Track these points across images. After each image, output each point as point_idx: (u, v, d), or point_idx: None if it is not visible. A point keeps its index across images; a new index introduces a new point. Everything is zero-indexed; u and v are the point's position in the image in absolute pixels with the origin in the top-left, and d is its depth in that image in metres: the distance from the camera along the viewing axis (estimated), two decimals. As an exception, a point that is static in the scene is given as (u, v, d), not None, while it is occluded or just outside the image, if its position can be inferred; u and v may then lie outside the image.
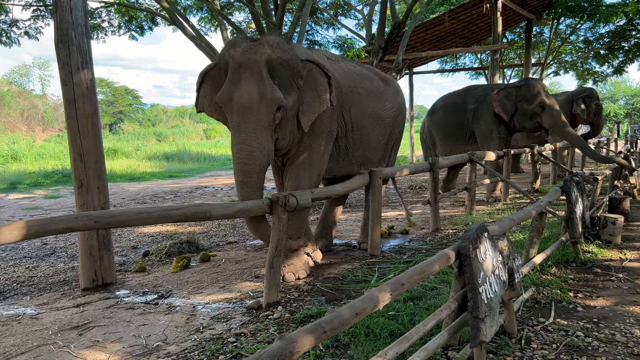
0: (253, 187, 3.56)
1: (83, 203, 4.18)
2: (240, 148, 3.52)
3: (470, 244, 2.32)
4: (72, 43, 4.02)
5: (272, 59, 3.56)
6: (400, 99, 5.16)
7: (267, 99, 3.49)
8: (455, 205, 7.72)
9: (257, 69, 3.51)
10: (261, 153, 3.53)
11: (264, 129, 3.53)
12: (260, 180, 3.58)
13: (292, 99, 3.71)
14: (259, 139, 3.52)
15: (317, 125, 4.03)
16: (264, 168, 3.59)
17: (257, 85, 3.49)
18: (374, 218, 4.55)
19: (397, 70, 9.20)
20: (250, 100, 3.48)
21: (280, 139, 3.73)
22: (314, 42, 13.58)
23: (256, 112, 3.50)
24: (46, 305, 4.03)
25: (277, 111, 3.57)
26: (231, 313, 3.48)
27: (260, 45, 3.58)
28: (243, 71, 3.52)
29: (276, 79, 3.60)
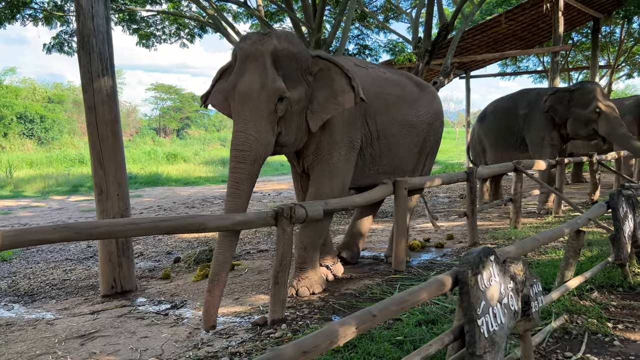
0: (244, 173, 3.35)
1: (103, 210, 4.18)
2: (237, 135, 3.41)
3: (469, 269, 2.05)
4: (92, 50, 4.04)
5: (278, 49, 3.46)
6: (436, 105, 4.87)
7: (268, 88, 3.38)
8: (503, 217, 7.25)
9: (262, 60, 3.43)
10: (258, 142, 3.39)
11: (263, 118, 3.40)
12: (253, 169, 3.40)
13: (298, 93, 3.57)
14: (257, 127, 3.39)
15: (335, 133, 3.86)
16: (259, 158, 3.42)
17: (259, 74, 3.41)
18: (399, 231, 4.28)
19: (445, 74, 8.82)
20: (251, 88, 3.39)
21: (284, 133, 3.57)
22: (365, 46, 13.37)
23: (256, 100, 3.38)
24: (66, 310, 4.06)
25: (280, 102, 3.44)
26: (236, 328, 3.34)
27: (268, 38, 3.50)
28: (249, 62, 3.45)
29: (281, 70, 3.48)
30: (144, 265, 5.60)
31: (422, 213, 8.17)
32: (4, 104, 28.16)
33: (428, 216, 4.93)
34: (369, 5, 12.51)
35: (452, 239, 5.80)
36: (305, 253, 3.91)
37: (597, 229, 5.47)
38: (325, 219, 3.86)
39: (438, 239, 5.87)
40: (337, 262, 4.36)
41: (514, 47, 14.80)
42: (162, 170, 18.51)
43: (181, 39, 11.30)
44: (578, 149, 10.33)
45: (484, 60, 15.36)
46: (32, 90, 31.81)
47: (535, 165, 6.38)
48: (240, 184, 3.36)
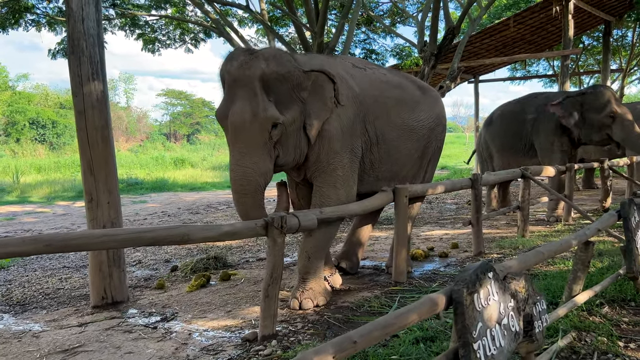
0: (250, 206, 3.43)
1: (93, 217, 4.06)
2: (235, 169, 3.41)
3: (464, 288, 1.88)
4: (82, 53, 3.93)
5: (267, 73, 3.37)
6: (438, 109, 4.69)
7: (260, 118, 3.32)
8: (511, 225, 7.04)
9: (251, 86, 3.34)
10: (256, 173, 3.38)
11: (259, 148, 3.37)
12: (256, 199, 3.44)
13: (292, 114, 3.50)
14: (253, 159, 3.37)
15: (334, 142, 3.73)
16: (260, 188, 3.44)
17: (250, 103, 3.33)
18: (399, 241, 4.10)
19: (451, 78, 8.63)
20: (243, 120, 3.34)
21: (281, 155, 3.53)
22: (372, 51, 13.23)
23: (249, 131, 3.34)
24: (54, 322, 3.93)
25: (273, 129, 3.39)
26: (224, 344, 3.18)
27: (255, 60, 3.39)
28: (238, 88, 3.38)
29: (272, 94, 3.41)
30: (140, 274, 5.47)
31: (427, 220, 7.99)
32: (17, 109, 28.41)
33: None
34: (375, 9, 12.37)
35: (457, 248, 5.61)
36: (309, 263, 3.75)
37: (609, 238, 5.26)
38: (331, 227, 3.77)
39: (442, 247, 5.68)
40: (335, 273, 4.19)
41: (523, 51, 14.58)
42: (169, 175, 18.46)
43: (186, 44, 11.22)
44: (589, 155, 10.08)
45: (493, 65, 15.16)
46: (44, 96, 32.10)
47: (543, 171, 6.18)
48: (250, 213, 3.38)
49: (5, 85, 31.23)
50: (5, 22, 8.77)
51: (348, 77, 3.93)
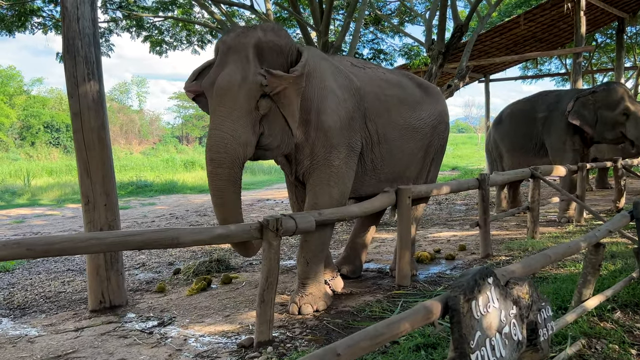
0: (224, 179, 3.12)
1: (90, 220, 3.99)
2: (212, 134, 3.13)
3: (461, 295, 1.76)
4: (78, 53, 3.86)
5: (262, 41, 3.20)
6: (440, 107, 4.54)
7: (249, 81, 3.11)
8: (521, 226, 6.87)
9: (245, 52, 3.16)
10: (235, 141, 3.10)
11: (242, 115, 3.11)
12: (233, 172, 3.14)
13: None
14: (234, 125, 3.10)
15: (332, 135, 3.56)
16: (238, 159, 3.15)
17: (240, 68, 3.14)
18: (402, 244, 3.98)
19: (460, 77, 8.47)
20: (230, 82, 3.11)
21: (266, 134, 3.28)
22: (380, 51, 13.08)
23: (235, 95, 3.10)
24: (51, 326, 3.86)
25: (262, 99, 3.16)
26: (219, 350, 3.09)
27: (253, 30, 3.25)
28: (231, 54, 3.19)
29: (265, 64, 3.19)
30: (143, 277, 5.40)
31: (436, 222, 7.84)
32: (32, 113, 28.69)
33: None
34: (383, 8, 12.24)
35: (465, 250, 5.46)
36: (307, 268, 3.63)
37: (622, 239, 5.08)
38: (326, 229, 3.60)
39: (450, 249, 5.54)
40: (336, 277, 4.07)
41: (535, 49, 14.35)
42: (179, 177, 18.46)
43: (192, 45, 11.18)
44: (602, 154, 9.86)
45: (503, 63, 14.94)
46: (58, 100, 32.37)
47: (554, 171, 6.01)
48: (223, 192, 3.12)
49: (20, 89, 31.55)
50: (12, 26, 8.78)
51: (346, 70, 3.80)
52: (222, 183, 3.13)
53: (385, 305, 3.63)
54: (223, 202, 3.16)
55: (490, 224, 6.92)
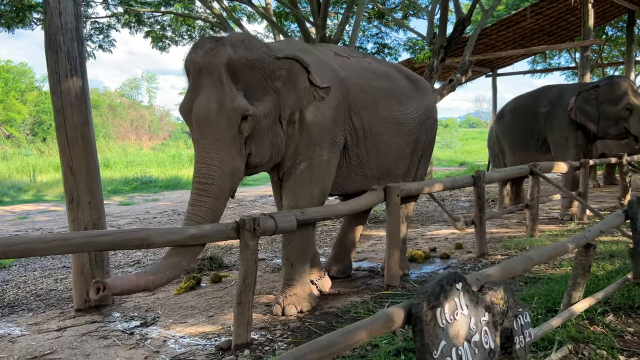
0: (206, 208, 2.96)
1: (74, 219, 3.93)
2: (198, 167, 3.03)
3: (425, 302, 1.66)
4: (60, 49, 3.79)
5: (234, 60, 3.03)
6: (427, 101, 4.38)
7: (227, 108, 2.97)
8: (522, 223, 6.71)
9: (217, 75, 3.00)
10: (222, 172, 3.00)
11: (226, 144, 3.01)
12: (217, 204, 3.02)
13: (265, 106, 3.16)
14: (220, 156, 2.99)
15: (316, 134, 3.45)
16: (225, 191, 3.04)
17: (215, 93, 2.99)
18: (391, 243, 3.88)
19: (462, 71, 8.33)
20: (208, 111, 2.98)
21: (254, 153, 3.19)
22: (384, 45, 12.90)
23: (215, 125, 2.98)
24: (36, 325, 3.82)
25: (243, 122, 3.04)
26: (197, 353, 3.02)
27: (221, 46, 3.06)
28: (203, 77, 3.04)
29: (240, 83, 3.07)
30: (136, 275, 5.35)
31: (437, 219, 7.72)
32: (43, 109, 28.86)
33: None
34: (386, 2, 12.07)
35: (461, 249, 5.35)
36: (292, 270, 3.54)
37: (624, 237, 4.94)
38: (309, 229, 3.50)
39: (446, 248, 5.42)
40: (323, 276, 3.98)
41: (542, 42, 14.10)
42: (184, 173, 18.42)
43: (193, 40, 11.10)
44: (610, 149, 9.67)
45: (511, 57, 14.71)
46: (68, 95, 32.51)
47: (555, 167, 5.86)
48: (199, 219, 2.93)
49: (31, 85, 31.74)
50: (12, 22, 8.76)
51: (329, 61, 3.67)
52: (202, 211, 2.97)
53: (371, 307, 3.54)
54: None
55: (491, 221, 6.84)
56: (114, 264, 5.90)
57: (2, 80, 28.38)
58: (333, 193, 3.86)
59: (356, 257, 5.22)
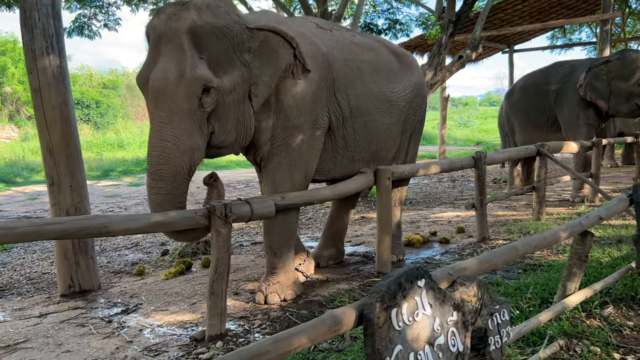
0: (164, 193, 2.74)
1: (55, 202, 3.82)
2: (152, 142, 2.76)
3: (378, 302, 1.48)
4: (35, 26, 3.64)
5: (198, 25, 2.72)
6: (416, 78, 4.09)
7: (187, 78, 2.68)
8: (531, 206, 6.47)
9: (178, 41, 2.71)
10: (178, 150, 2.72)
11: (184, 118, 2.71)
12: (177, 186, 2.78)
13: (231, 80, 2.86)
14: (176, 131, 2.71)
15: (293, 116, 3.20)
16: (182, 171, 2.78)
17: (175, 61, 2.71)
18: (381, 228, 3.69)
19: (472, 47, 7.99)
20: (165, 80, 2.70)
21: (218, 132, 2.89)
22: (395, 21, 12.54)
23: (172, 96, 2.70)
24: (20, 311, 3.75)
25: (205, 95, 2.75)
26: (171, 343, 2.89)
27: (185, 10, 2.77)
28: (163, 44, 2.76)
29: (205, 51, 2.76)
30: (132, 258, 5.27)
31: (443, 201, 7.49)
32: (65, 91, 29.07)
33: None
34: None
35: (463, 233, 5.14)
36: (275, 258, 3.37)
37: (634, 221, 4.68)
38: (292, 214, 3.31)
39: (448, 232, 5.22)
40: (306, 261, 3.81)
41: (562, 16, 13.54)
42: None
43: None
44: (630, 128, 9.28)
45: (528, 32, 14.18)
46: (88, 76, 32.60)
47: (564, 147, 5.58)
48: (163, 207, 2.74)
49: (54, 67, 31.90)
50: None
51: (309, 35, 3.41)
52: (161, 197, 2.75)
53: (358, 295, 3.37)
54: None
55: (498, 204, 6.60)
56: (112, 247, 5.84)
57: (23, 61, 28.50)
58: (319, 179, 3.64)
59: (353, 241, 5.06)
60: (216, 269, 2.72)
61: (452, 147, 18.14)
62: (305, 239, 5.38)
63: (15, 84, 24.19)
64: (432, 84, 7.70)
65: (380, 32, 12.13)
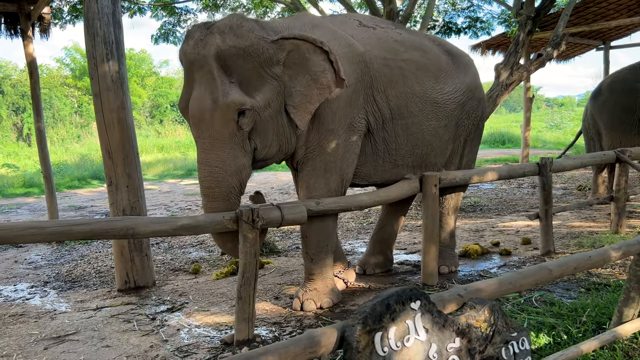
0: (222, 210, 2.86)
1: (114, 202, 4.02)
2: (201, 169, 2.90)
3: (359, 324, 1.37)
4: (97, 34, 3.84)
5: (223, 50, 2.78)
6: (470, 79, 3.82)
7: (220, 105, 2.77)
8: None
9: (208, 68, 2.80)
10: (226, 173, 2.84)
11: (226, 142, 2.83)
12: (229, 204, 2.88)
13: (265, 96, 2.90)
14: (220, 157, 2.83)
15: (327, 120, 3.12)
16: (234, 190, 2.90)
17: (207, 89, 2.79)
18: (427, 237, 3.50)
19: (554, 45, 7.43)
20: (201, 109, 2.81)
21: (260, 147, 2.97)
22: (476, 19, 12.06)
23: (211, 123, 2.81)
24: (80, 303, 3.99)
25: (241, 117, 2.82)
26: (202, 345, 2.93)
27: (210, 35, 2.82)
28: (195, 71, 2.86)
29: (234, 74, 2.83)
30: (194, 256, 5.43)
31: (517, 208, 7.05)
32: (160, 93, 31.00)
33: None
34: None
35: (529, 244, 4.78)
36: (312, 265, 3.32)
37: None
38: (328, 221, 3.23)
39: (512, 243, 4.88)
40: (347, 269, 3.71)
41: (669, 8, 12.29)
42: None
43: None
44: None
45: (625, 27, 13.02)
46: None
47: (651, 153, 5.03)
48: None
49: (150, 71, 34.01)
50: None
51: (346, 35, 3.30)
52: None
53: (397, 307, 3.22)
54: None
55: (577, 213, 6.10)
56: (179, 245, 6.03)
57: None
58: (360, 183, 3.53)
59: (409, 249, 4.88)
60: (243, 274, 2.71)
61: (539, 151, 17.08)
62: (362, 245, 5.27)
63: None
64: (507, 84, 7.25)
65: (460, 31, 11.72)
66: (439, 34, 11.22)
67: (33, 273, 5.02)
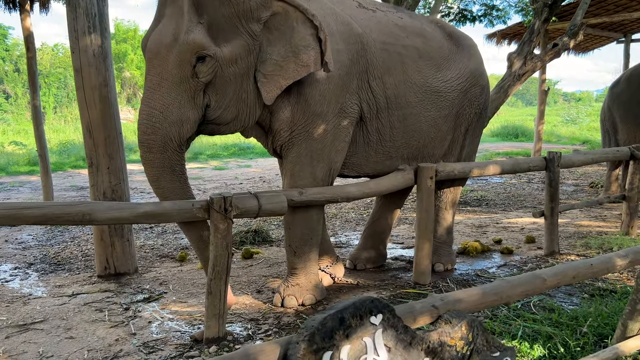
0: (157, 166, 2.60)
1: (94, 183, 3.82)
2: (141, 110, 2.60)
3: (304, 341, 1.15)
4: (78, 5, 3.62)
5: None
6: (474, 64, 3.56)
7: (180, 43, 2.49)
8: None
9: (180, 3, 2.53)
10: (165, 119, 2.54)
11: (174, 85, 2.53)
12: (167, 157, 2.59)
13: (234, 49, 2.61)
14: (164, 99, 2.53)
15: (315, 102, 2.86)
16: (171, 142, 2.58)
17: (174, 23, 2.52)
18: (420, 233, 3.27)
19: (571, 34, 7.08)
20: (159, 44, 2.53)
21: (214, 106, 2.67)
22: (492, 7, 11.66)
23: (163, 60, 2.53)
24: (57, 288, 3.83)
25: (201, 63, 2.53)
26: (171, 340, 2.74)
27: None
28: (167, 6, 2.59)
29: (204, 15, 2.53)
30: (186, 242, 5.24)
31: (525, 204, 6.77)
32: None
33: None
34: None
35: (533, 243, 4.52)
36: (295, 258, 3.10)
37: None
38: (312, 212, 3.00)
39: (515, 241, 4.63)
40: (335, 263, 3.48)
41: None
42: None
43: None
44: None
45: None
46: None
47: (668, 151, 4.72)
48: (160, 180, 2.62)
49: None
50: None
51: (345, 15, 3.05)
52: (155, 170, 2.62)
53: (383, 307, 3.00)
54: (162, 192, 2.65)
55: (586, 212, 5.82)
56: (172, 230, 5.84)
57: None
58: (349, 174, 3.28)
59: (406, 243, 4.65)
60: (214, 268, 2.50)
61: (552, 145, 16.67)
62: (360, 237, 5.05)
63: (134, 69, 25.66)
64: (520, 74, 6.93)
65: (475, 19, 11.36)
66: (453, 21, 10.88)
67: (20, 254, 4.87)
